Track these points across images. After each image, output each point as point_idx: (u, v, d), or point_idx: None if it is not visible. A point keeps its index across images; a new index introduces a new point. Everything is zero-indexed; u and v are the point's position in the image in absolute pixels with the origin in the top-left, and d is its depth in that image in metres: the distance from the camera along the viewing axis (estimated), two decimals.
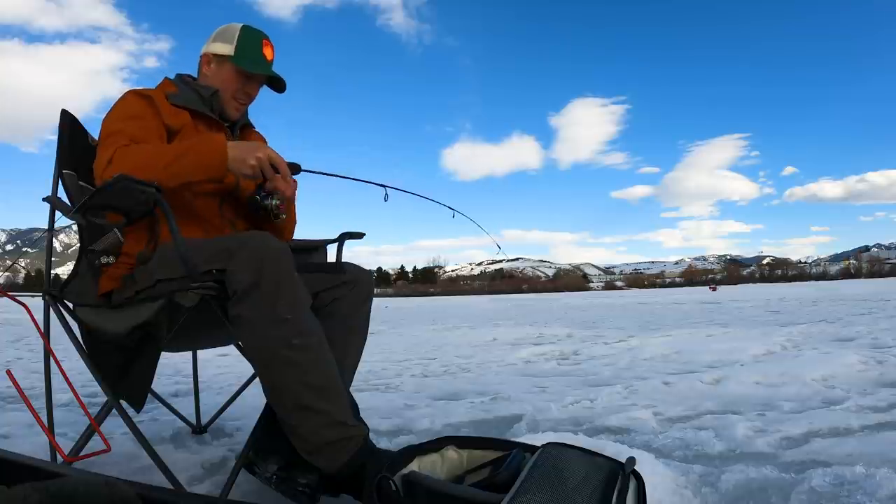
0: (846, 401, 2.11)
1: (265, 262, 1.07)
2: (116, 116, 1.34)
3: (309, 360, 1.09)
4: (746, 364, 3.13)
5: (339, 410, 1.10)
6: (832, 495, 1.17)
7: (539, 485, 0.86)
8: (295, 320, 1.08)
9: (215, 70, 1.50)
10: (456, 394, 2.57)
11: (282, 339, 1.07)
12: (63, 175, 1.43)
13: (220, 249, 1.12)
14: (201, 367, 3.45)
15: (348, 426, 1.10)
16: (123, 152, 1.24)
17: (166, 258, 1.19)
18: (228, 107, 1.51)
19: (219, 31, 1.52)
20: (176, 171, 1.22)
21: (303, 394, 1.07)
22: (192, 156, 1.23)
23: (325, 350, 1.14)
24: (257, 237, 1.12)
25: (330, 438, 1.08)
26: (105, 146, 1.27)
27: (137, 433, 1.22)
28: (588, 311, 11.84)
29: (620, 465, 0.98)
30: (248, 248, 1.09)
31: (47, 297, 1.37)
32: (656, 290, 66.09)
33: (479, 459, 1.07)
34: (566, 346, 4.52)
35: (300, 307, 1.11)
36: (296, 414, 1.09)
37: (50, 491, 0.52)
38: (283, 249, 1.12)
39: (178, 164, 1.23)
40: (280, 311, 1.07)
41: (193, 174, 1.24)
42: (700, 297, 19.76)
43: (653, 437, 1.71)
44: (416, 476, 0.93)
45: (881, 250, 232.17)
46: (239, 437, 1.77)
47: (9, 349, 4.95)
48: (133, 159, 1.23)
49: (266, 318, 1.07)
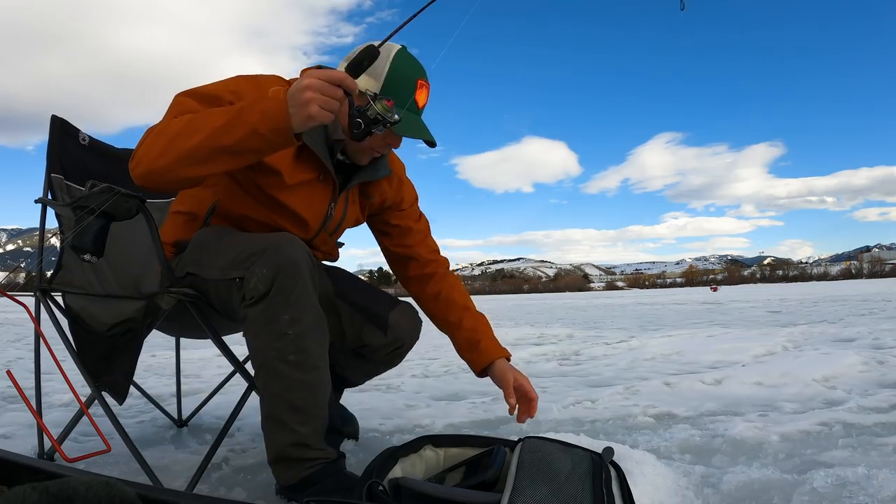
0: (847, 401, 2.10)
1: (279, 275, 1.04)
2: (196, 90, 1.13)
3: (297, 380, 1.07)
4: (747, 364, 3.12)
5: (309, 434, 1.09)
6: (834, 496, 1.16)
7: (534, 479, 0.86)
8: (296, 337, 1.06)
9: None
10: (457, 394, 2.56)
11: (277, 350, 1.06)
12: (51, 179, 1.48)
13: (246, 255, 1.09)
14: (201, 368, 3.46)
15: (312, 449, 1.09)
16: (150, 137, 1.05)
17: (195, 250, 1.20)
18: (361, 156, 1.25)
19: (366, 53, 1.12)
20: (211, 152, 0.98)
21: (281, 408, 1.08)
22: (241, 128, 0.97)
23: (320, 375, 1.11)
24: (283, 245, 1.07)
25: (291, 455, 1.09)
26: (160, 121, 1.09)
27: (118, 426, 1.24)
28: (589, 312, 11.83)
29: (599, 455, 0.99)
30: (267, 258, 1.05)
31: (38, 293, 1.41)
32: (657, 291, 66.06)
33: (457, 457, 1.08)
34: (567, 346, 4.51)
35: (305, 326, 1.07)
36: (269, 422, 1.10)
37: (50, 491, 0.51)
38: (303, 262, 1.07)
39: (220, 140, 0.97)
40: (282, 325, 1.05)
41: (245, 150, 0.99)
42: (701, 298, 19.75)
43: (654, 438, 1.70)
44: (407, 482, 0.93)
45: (882, 251, 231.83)
46: (239, 438, 1.76)
47: (9, 349, 4.95)
48: (155, 144, 1.02)
49: (267, 327, 1.06)
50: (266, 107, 0.96)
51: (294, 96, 0.93)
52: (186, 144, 0.99)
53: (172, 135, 1.00)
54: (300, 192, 1.24)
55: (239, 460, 1.53)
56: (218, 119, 0.98)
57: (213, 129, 0.97)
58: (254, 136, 0.96)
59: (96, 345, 1.32)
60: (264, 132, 0.96)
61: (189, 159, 0.99)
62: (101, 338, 1.30)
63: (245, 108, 0.98)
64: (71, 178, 1.53)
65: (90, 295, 1.32)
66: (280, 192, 1.22)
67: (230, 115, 0.98)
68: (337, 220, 1.36)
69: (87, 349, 1.33)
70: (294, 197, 1.24)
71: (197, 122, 1.00)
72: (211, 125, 0.98)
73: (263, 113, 0.95)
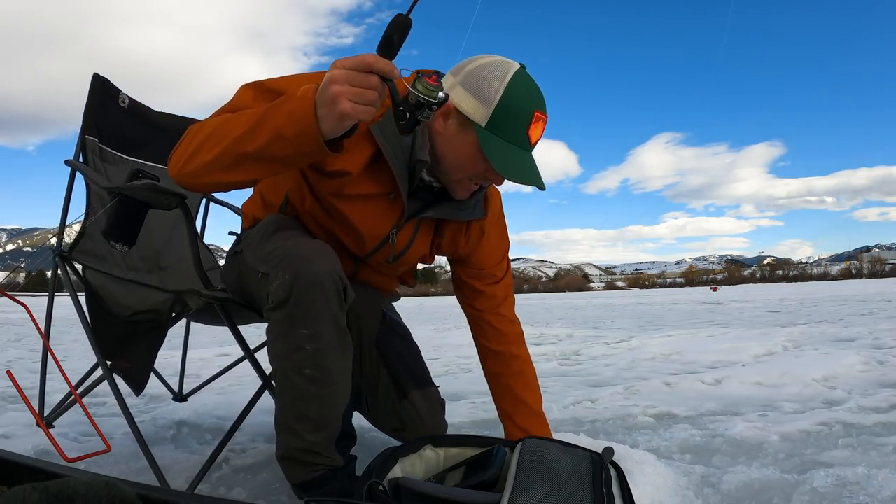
0: (847, 401, 2.10)
1: (297, 286, 0.97)
2: (261, 81, 1.00)
3: (312, 393, 1.02)
4: (747, 364, 3.12)
5: (318, 442, 1.06)
6: (834, 496, 1.17)
7: (534, 479, 0.86)
8: (315, 353, 1.00)
9: (453, 132, 1.01)
10: (457, 394, 2.56)
11: (294, 363, 1.01)
12: (85, 140, 1.45)
13: (279, 254, 1.02)
14: (201, 368, 3.46)
15: (320, 455, 1.07)
16: (188, 136, 0.96)
17: (255, 230, 1.15)
18: (457, 187, 1.08)
19: (477, 69, 0.99)
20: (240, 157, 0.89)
21: (292, 415, 1.05)
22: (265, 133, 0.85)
23: (337, 389, 1.05)
24: (312, 257, 0.99)
25: (299, 458, 1.08)
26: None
27: (126, 412, 1.23)
28: (588, 312, 11.82)
29: (599, 455, 0.99)
30: (291, 264, 0.98)
31: (57, 258, 1.39)
32: (657, 291, 66.07)
33: (456, 457, 1.08)
34: (567, 346, 4.52)
35: (325, 343, 1.00)
36: (280, 425, 1.08)
37: (50, 491, 0.51)
38: (327, 278, 0.98)
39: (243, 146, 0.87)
40: (300, 339, 0.99)
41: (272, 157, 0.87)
42: (701, 298, 19.75)
43: (654, 438, 1.70)
44: (407, 482, 0.93)
45: (882, 251, 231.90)
46: (239, 438, 1.76)
47: (9, 349, 4.94)
48: (188, 146, 0.94)
49: (287, 337, 1.01)
50: (293, 107, 0.83)
51: (322, 94, 0.80)
52: (214, 150, 0.90)
53: (203, 137, 0.92)
54: (363, 205, 1.10)
55: (239, 460, 1.53)
56: (246, 122, 0.87)
57: (237, 133, 0.87)
58: (279, 141, 0.84)
59: (113, 326, 1.28)
60: (290, 137, 0.83)
61: (214, 165, 0.91)
62: (120, 320, 1.27)
63: (271, 109, 0.86)
64: (106, 141, 1.48)
65: (114, 277, 1.29)
66: (340, 199, 1.09)
67: (256, 118, 0.86)
68: (399, 248, 1.18)
69: (103, 329, 1.29)
70: (354, 207, 1.10)
71: (227, 125, 0.90)
72: (237, 129, 0.88)
73: (290, 114, 0.83)
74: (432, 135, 1.04)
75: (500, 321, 1.32)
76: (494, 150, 0.97)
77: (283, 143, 0.84)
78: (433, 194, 1.12)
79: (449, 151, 1.03)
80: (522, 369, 1.34)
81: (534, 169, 1.01)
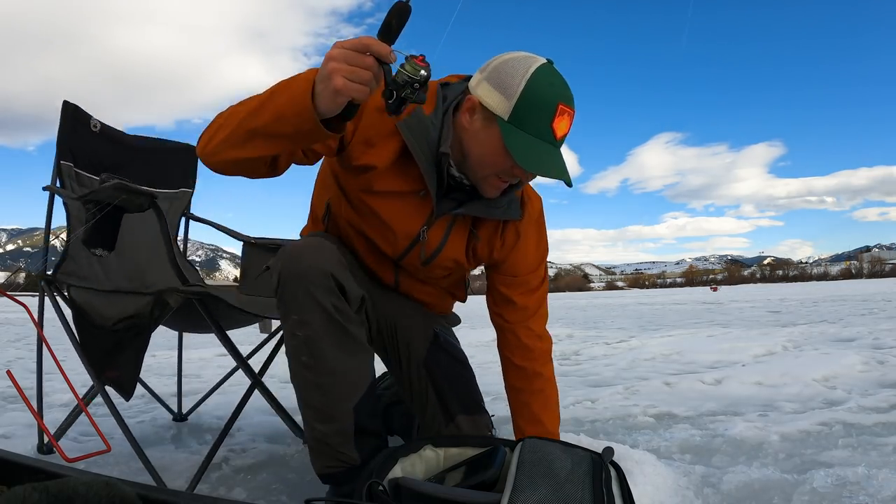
0: (847, 401, 2.10)
1: (282, 276, 1.06)
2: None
3: (310, 381, 1.07)
4: (747, 364, 3.12)
5: (329, 434, 1.07)
6: (834, 496, 1.17)
7: (534, 479, 0.86)
8: (306, 340, 1.05)
9: (478, 126, 1.01)
10: None
11: (292, 349, 1.08)
12: (60, 166, 1.48)
13: (279, 252, 1.10)
14: (201, 368, 3.46)
15: (333, 449, 1.08)
16: (214, 119, 0.98)
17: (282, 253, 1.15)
18: (485, 184, 1.06)
19: (502, 64, 0.99)
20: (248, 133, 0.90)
21: (303, 405, 1.10)
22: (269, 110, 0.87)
23: (336, 380, 1.06)
24: (301, 248, 1.06)
25: (315, 448, 1.10)
26: None
27: (120, 421, 1.24)
28: (589, 311, 11.83)
29: (599, 455, 0.99)
30: (280, 257, 1.07)
31: (42, 281, 1.42)
32: (657, 290, 66.10)
33: (457, 457, 1.08)
34: (567, 346, 4.52)
35: (314, 331, 1.04)
36: (302, 416, 1.12)
37: (50, 491, 0.51)
38: (312, 272, 1.03)
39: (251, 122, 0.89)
40: (292, 325, 1.06)
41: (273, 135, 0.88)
42: (701, 298, 19.75)
43: (654, 438, 1.70)
44: (407, 482, 0.93)
45: (882, 251, 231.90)
46: (239, 438, 1.76)
47: (9, 349, 4.95)
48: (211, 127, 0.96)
49: (284, 324, 1.09)
50: (295, 85, 0.85)
51: (320, 72, 0.81)
52: (229, 128, 0.92)
53: (224, 118, 0.94)
54: (393, 202, 1.10)
55: (239, 460, 1.53)
56: (257, 100, 0.90)
57: (248, 110, 0.89)
58: (280, 120, 0.85)
59: (100, 339, 1.32)
60: (289, 115, 0.84)
61: (227, 142, 0.92)
62: (106, 332, 1.30)
63: (278, 86, 0.88)
64: (81, 165, 1.53)
65: (96, 290, 1.33)
66: (370, 196, 1.10)
67: (265, 96, 0.89)
68: (431, 248, 1.15)
69: (91, 343, 1.34)
70: (384, 204, 1.10)
71: (243, 104, 0.92)
72: (249, 106, 0.90)
73: (291, 92, 0.85)
74: (459, 131, 1.04)
75: (528, 335, 1.28)
76: (516, 143, 0.96)
77: (283, 120, 0.85)
78: (465, 193, 1.11)
79: (475, 147, 1.02)
80: (543, 388, 1.31)
81: (559, 163, 0.98)
